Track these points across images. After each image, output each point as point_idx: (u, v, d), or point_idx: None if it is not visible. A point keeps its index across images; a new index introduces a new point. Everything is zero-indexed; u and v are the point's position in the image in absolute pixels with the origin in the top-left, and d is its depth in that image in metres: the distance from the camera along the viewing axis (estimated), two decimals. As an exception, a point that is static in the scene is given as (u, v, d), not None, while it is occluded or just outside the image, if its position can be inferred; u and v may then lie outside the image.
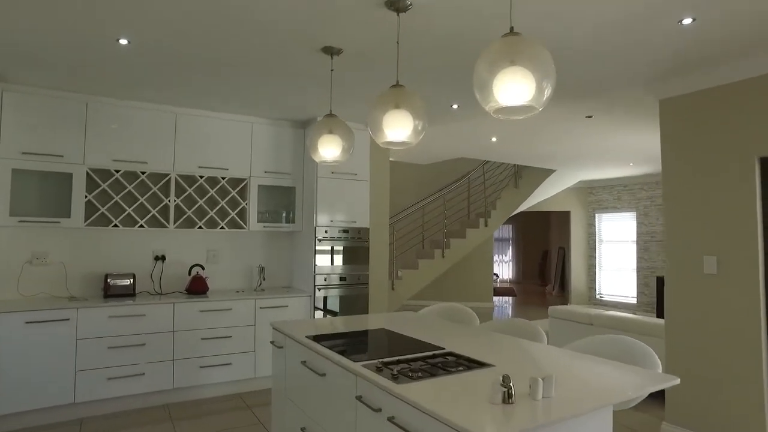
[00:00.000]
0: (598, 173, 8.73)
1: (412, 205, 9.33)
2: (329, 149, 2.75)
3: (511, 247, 15.07)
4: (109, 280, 3.92)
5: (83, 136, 3.82)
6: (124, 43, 2.79)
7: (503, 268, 15.19)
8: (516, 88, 1.64)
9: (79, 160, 3.80)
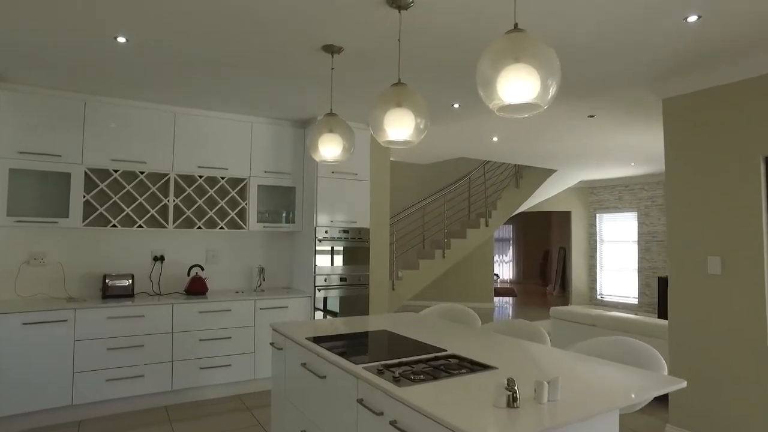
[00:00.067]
0: (600, 173, 8.70)
1: (412, 205, 9.31)
2: (330, 148, 2.72)
3: (511, 248, 15.04)
4: (108, 281, 3.89)
5: (81, 135, 3.79)
6: (122, 42, 2.76)
7: (504, 268, 15.17)
8: (520, 85, 1.61)
9: (78, 160, 3.77)
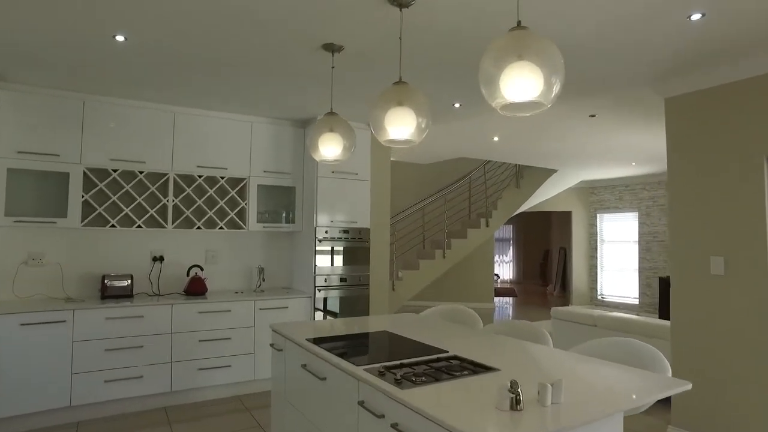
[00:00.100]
0: (600, 173, 8.68)
1: (412, 205, 9.28)
2: (330, 148, 2.69)
3: (511, 248, 15.02)
4: (107, 281, 3.86)
5: (80, 135, 3.76)
6: (121, 41, 2.74)
7: (504, 268, 15.15)
8: (523, 83, 1.59)
9: (76, 160, 3.74)
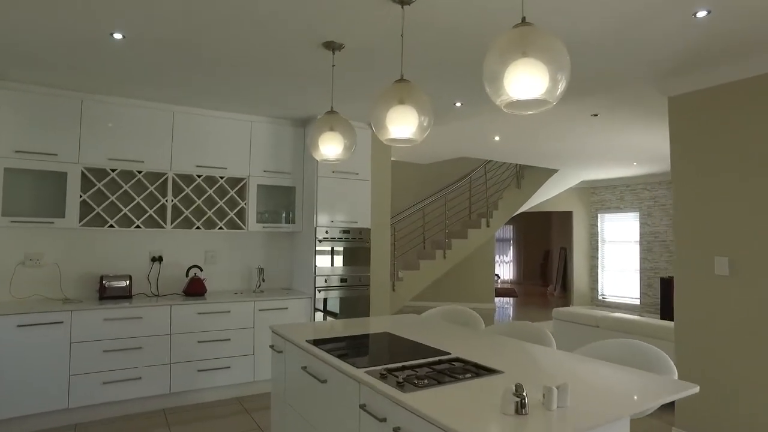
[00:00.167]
0: (601, 173, 8.65)
1: (413, 205, 9.25)
2: (330, 147, 2.66)
3: (512, 248, 14.99)
4: (105, 282, 3.83)
5: (78, 134, 3.73)
6: (119, 38, 2.71)
7: (504, 268, 15.12)
8: (528, 80, 1.56)
9: (74, 159, 3.71)
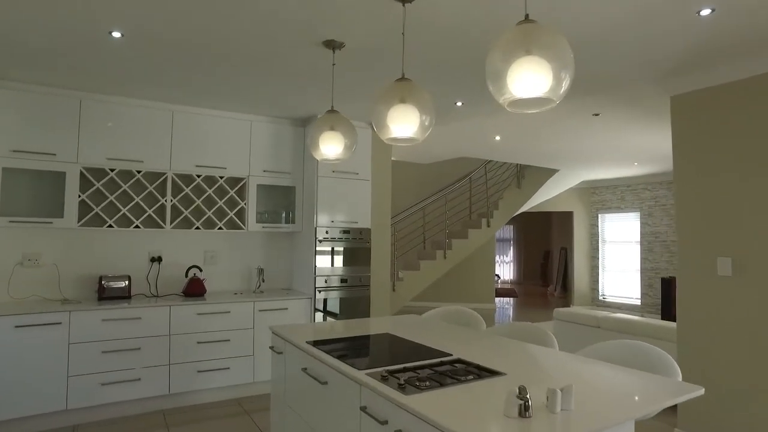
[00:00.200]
0: (602, 173, 8.62)
1: (413, 205, 9.23)
2: (331, 146, 2.64)
3: (512, 248, 14.97)
4: (104, 282, 3.81)
5: (77, 134, 3.71)
6: (117, 37, 2.69)
7: (504, 268, 15.09)
8: (532, 79, 1.54)
9: (73, 159, 3.69)
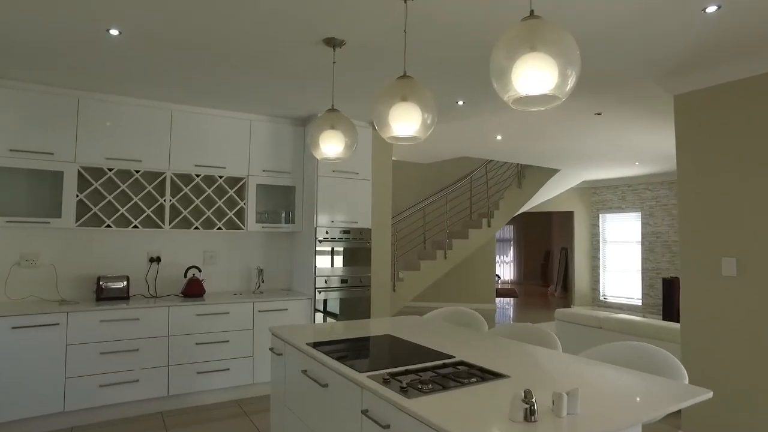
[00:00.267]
0: (603, 173, 8.59)
1: (413, 205, 9.19)
2: (331, 145, 2.61)
3: (512, 248, 14.94)
4: (102, 283, 3.78)
5: (74, 133, 3.67)
6: (115, 34, 2.65)
7: (504, 268, 15.06)
8: (537, 75, 1.51)
9: (70, 158, 3.65)
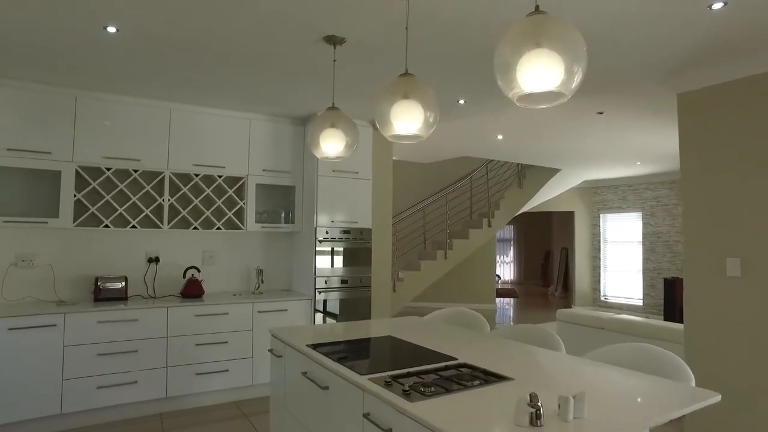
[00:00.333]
0: (604, 173, 8.57)
1: (413, 205, 9.16)
2: (332, 144, 2.57)
3: (512, 248, 14.91)
4: (100, 283, 3.74)
5: (72, 132, 3.64)
6: (113, 32, 2.62)
7: (505, 269, 15.03)
8: (542, 72, 1.47)
9: (68, 158, 3.62)
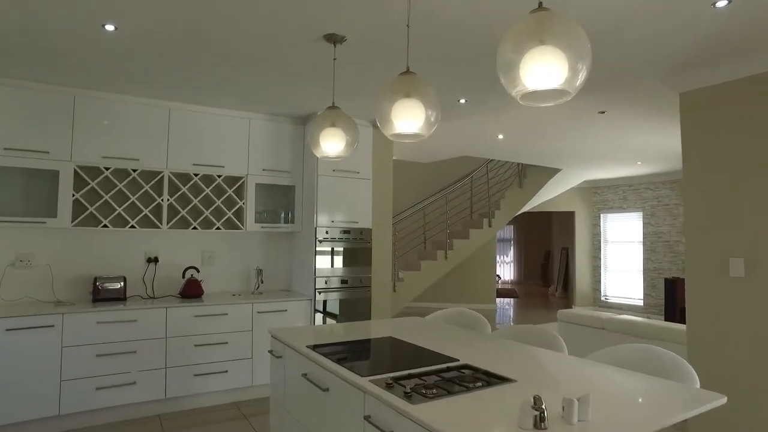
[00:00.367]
0: (604, 173, 8.55)
1: (413, 205, 9.14)
2: (332, 143, 2.55)
3: (512, 248, 14.89)
4: (98, 284, 3.72)
5: (70, 131, 3.62)
6: (111, 30, 2.60)
7: (505, 269, 15.02)
8: (546, 69, 1.45)
9: (67, 157, 3.60)
